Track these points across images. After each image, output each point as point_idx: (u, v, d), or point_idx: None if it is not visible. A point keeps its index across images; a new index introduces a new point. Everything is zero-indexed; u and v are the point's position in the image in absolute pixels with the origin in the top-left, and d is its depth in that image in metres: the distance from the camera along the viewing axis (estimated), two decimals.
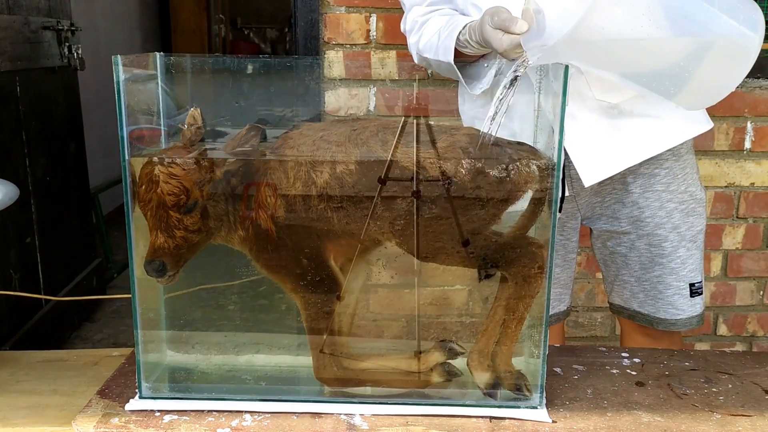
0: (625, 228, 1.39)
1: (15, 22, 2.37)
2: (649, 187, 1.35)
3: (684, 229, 1.37)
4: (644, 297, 1.42)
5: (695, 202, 1.38)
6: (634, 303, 1.44)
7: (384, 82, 2.01)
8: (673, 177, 1.35)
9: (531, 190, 0.97)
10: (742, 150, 2.14)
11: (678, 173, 1.36)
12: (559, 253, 1.43)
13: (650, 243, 1.37)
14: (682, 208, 1.36)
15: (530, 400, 1.01)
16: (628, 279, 1.43)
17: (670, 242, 1.36)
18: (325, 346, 1.04)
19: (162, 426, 0.97)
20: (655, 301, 1.41)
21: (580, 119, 1.27)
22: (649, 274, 1.40)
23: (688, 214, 1.37)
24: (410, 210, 0.96)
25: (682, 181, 1.36)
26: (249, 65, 1.06)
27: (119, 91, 0.92)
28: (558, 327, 1.55)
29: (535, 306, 1.00)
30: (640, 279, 1.41)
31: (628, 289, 1.44)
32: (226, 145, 0.98)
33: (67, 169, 2.88)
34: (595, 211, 1.42)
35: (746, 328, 2.33)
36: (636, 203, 1.36)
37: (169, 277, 0.98)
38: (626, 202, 1.37)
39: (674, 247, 1.37)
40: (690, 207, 1.37)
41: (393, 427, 0.97)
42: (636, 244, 1.39)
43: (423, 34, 1.33)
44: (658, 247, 1.37)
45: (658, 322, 1.42)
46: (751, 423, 1.00)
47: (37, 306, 2.56)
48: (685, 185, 1.36)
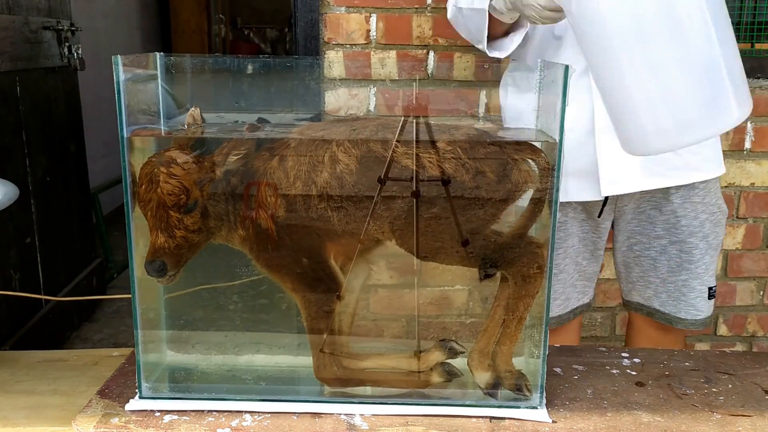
0: (659, 233, 1.46)
1: (15, 22, 2.37)
2: (688, 198, 1.44)
3: (711, 238, 1.46)
4: (666, 297, 1.50)
5: (722, 214, 1.48)
6: (656, 302, 1.51)
7: (384, 82, 2.01)
8: (708, 191, 1.45)
9: (531, 190, 0.97)
10: (742, 150, 2.14)
11: (712, 188, 1.46)
12: (589, 248, 1.51)
13: (681, 249, 1.45)
14: (712, 219, 1.46)
15: (530, 400, 1.01)
16: (653, 280, 1.50)
17: (700, 250, 1.45)
18: (325, 346, 1.04)
19: (162, 426, 0.97)
20: (677, 302, 1.49)
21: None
22: (675, 277, 1.48)
23: (715, 225, 1.46)
24: (410, 209, 0.96)
25: (714, 195, 1.46)
26: (249, 65, 1.06)
27: (119, 92, 0.92)
28: (578, 320, 1.61)
29: (535, 306, 1.00)
30: (666, 281, 1.49)
31: (651, 289, 1.51)
32: (223, 147, 0.98)
33: (68, 169, 2.88)
34: (629, 214, 1.49)
35: (746, 328, 2.33)
36: (674, 212, 1.44)
37: (169, 277, 0.98)
38: (664, 210, 1.45)
39: (702, 254, 1.46)
40: (717, 218, 1.47)
41: (393, 427, 0.97)
42: (668, 249, 1.47)
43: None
44: (688, 253, 1.45)
45: (678, 321, 1.50)
46: (751, 423, 1.00)
47: (37, 306, 2.56)
48: (716, 198, 1.47)
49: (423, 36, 1.99)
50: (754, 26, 2.08)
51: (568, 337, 1.58)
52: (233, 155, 0.97)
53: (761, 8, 2.07)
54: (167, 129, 1.04)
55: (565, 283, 1.50)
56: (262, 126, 1.05)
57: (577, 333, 1.63)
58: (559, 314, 1.52)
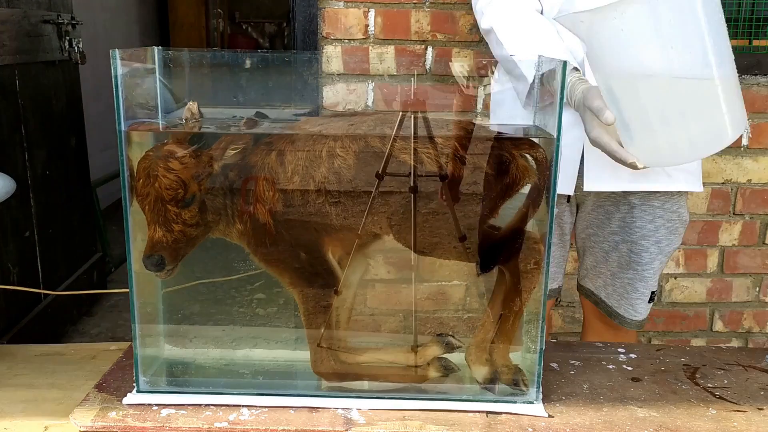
0: (614, 229, 1.47)
1: (14, 16, 2.37)
2: (647, 200, 1.43)
3: (664, 244, 1.46)
4: (612, 291, 1.52)
5: (680, 222, 1.46)
6: (603, 293, 1.54)
7: (382, 77, 2.01)
8: (669, 197, 1.44)
9: (528, 185, 0.97)
10: (740, 147, 2.14)
11: (674, 194, 1.44)
12: (556, 232, 1.50)
13: (632, 250, 1.46)
14: (669, 225, 1.45)
15: (527, 394, 1.02)
16: (603, 272, 1.52)
17: (650, 253, 1.45)
18: (323, 341, 1.05)
19: (159, 420, 0.97)
20: (620, 298, 1.51)
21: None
22: (623, 274, 1.49)
23: (671, 232, 1.46)
24: (408, 204, 0.96)
25: (676, 202, 1.45)
26: (247, 60, 1.06)
27: (117, 85, 0.92)
28: (548, 304, 1.60)
29: (531, 301, 1.00)
30: (614, 276, 1.50)
31: (602, 279, 1.53)
32: (220, 141, 0.98)
33: (68, 163, 2.88)
34: (589, 205, 1.48)
35: (742, 324, 2.34)
36: (631, 211, 1.44)
37: (167, 271, 0.98)
38: (621, 208, 1.45)
39: (651, 258, 1.46)
40: (675, 226, 1.46)
41: (390, 421, 0.97)
42: (620, 246, 1.47)
43: (505, 17, 1.34)
44: (638, 255, 1.46)
45: (617, 316, 1.52)
46: (746, 418, 1.01)
47: (36, 300, 2.56)
48: (677, 206, 1.45)
49: (421, 31, 1.99)
50: (752, 23, 2.08)
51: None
52: (231, 149, 0.97)
53: (759, 5, 2.07)
54: (165, 123, 1.04)
55: None
56: (260, 121, 1.05)
57: (548, 320, 1.63)
58: None
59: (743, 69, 2.06)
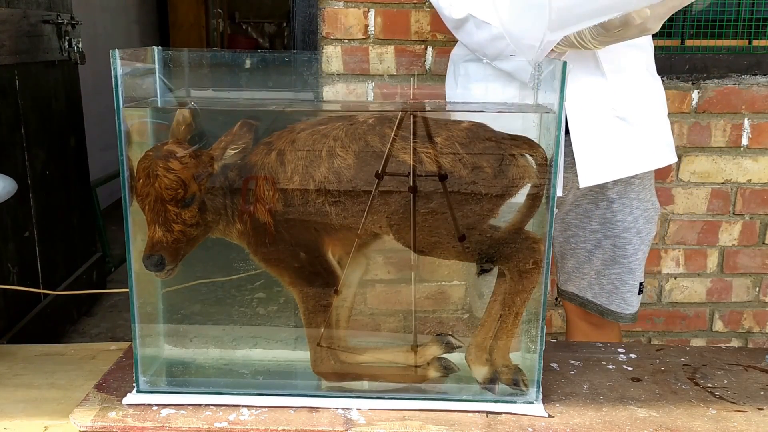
0: (595, 227, 1.49)
1: (14, 16, 2.37)
2: (624, 193, 1.46)
3: (644, 234, 1.49)
4: (599, 290, 1.52)
5: (654, 211, 1.51)
6: (589, 293, 1.54)
7: (382, 77, 2.01)
8: (643, 187, 1.48)
9: (528, 185, 0.97)
10: (739, 146, 2.14)
11: (647, 184, 1.49)
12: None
13: (616, 244, 1.48)
14: (646, 215, 1.48)
15: (527, 394, 1.02)
16: (587, 272, 1.53)
17: (633, 245, 1.47)
18: (323, 340, 1.05)
19: (159, 420, 0.97)
20: (609, 294, 1.52)
21: (592, 124, 1.35)
22: (609, 271, 1.50)
23: (648, 221, 1.49)
24: (407, 204, 0.96)
25: (648, 191, 1.49)
26: (247, 60, 1.06)
27: (117, 85, 0.92)
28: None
29: (531, 301, 1.00)
30: (600, 274, 1.51)
31: (586, 281, 1.54)
32: (218, 142, 0.98)
33: (67, 163, 2.88)
34: (567, 206, 1.50)
35: (742, 324, 2.34)
36: (610, 207, 1.46)
37: (167, 271, 0.98)
38: (601, 205, 1.47)
39: (635, 249, 1.48)
40: (650, 215, 1.49)
41: (390, 421, 0.97)
42: (603, 243, 1.49)
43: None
44: (622, 248, 1.48)
45: (609, 313, 1.53)
46: (746, 418, 1.01)
47: (36, 300, 2.56)
48: (650, 195, 1.50)
49: (421, 31, 1.99)
50: (751, 23, 2.08)
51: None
52: (231, 149, 0.97)
53: (759, 5, 2.07)
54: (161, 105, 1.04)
55: None
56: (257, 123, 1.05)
57: (547, 320, 1.64)
58: None
59: (743, 69, 2.06)
